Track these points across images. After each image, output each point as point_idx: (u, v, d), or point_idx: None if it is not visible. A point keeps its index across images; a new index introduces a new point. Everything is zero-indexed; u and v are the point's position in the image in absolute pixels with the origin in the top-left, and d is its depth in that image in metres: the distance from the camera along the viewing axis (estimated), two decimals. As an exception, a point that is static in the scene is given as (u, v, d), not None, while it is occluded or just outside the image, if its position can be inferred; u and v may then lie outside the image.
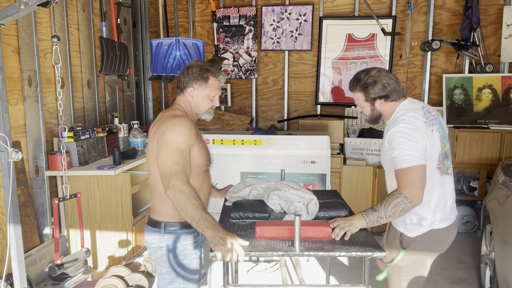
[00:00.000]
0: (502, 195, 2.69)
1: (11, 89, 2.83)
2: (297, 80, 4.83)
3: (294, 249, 1.51)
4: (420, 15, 4.45)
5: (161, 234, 1.77)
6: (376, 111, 1.89)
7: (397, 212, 1.69)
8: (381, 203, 1.71)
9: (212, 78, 1.84)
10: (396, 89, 1.85)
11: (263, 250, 1.51)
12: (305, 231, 1.58)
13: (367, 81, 1.84)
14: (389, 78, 1.85)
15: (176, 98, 1.89)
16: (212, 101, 1.87)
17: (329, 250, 1.52)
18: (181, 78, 1.85)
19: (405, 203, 1.67)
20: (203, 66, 1.84)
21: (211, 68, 1.85)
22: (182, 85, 1.85)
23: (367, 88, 1.84)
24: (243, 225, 1.77)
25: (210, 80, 1.83)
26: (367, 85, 1.84)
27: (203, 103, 1.85)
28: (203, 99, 1.84)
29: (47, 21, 3.17)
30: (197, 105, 1.85)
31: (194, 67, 1.84)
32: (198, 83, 1.82)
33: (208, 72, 1.83)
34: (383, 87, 1.83)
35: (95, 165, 3.18)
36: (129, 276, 2.66)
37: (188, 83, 1.82)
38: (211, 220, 1.55)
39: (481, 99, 4.22)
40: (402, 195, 1.68)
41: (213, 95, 1.85)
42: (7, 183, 1.81)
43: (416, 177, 1.69)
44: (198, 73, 1.81)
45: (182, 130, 1.70)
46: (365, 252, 1.49)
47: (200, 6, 4.92)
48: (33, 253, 2.91)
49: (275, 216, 1.87)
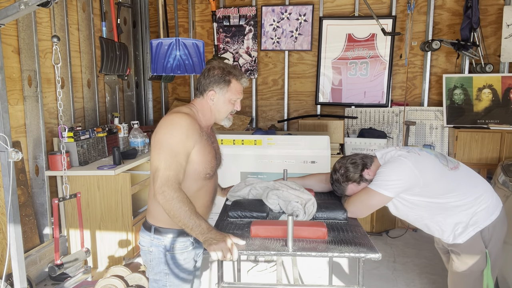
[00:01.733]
0: (502, 195, 2.69)
1: (11, 89, 2.83)
2: (297, 80, 4.83)
3: (287, 248, 1.51)
4: (420, 15, 4.46)
5: (151, 238, 1.73)
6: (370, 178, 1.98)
7: None
8: None
9: (234, 82, 1.73)
10: (360, 156, 2.03)
11: (256, 249, 1.51)
12: (301, 231, 1.58)
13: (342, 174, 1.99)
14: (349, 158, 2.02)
15: (194, 99, 1.78)
16: (234, 105, 1.76)
17: (322, 250, 1.51)
18: (202, 80, 1.73)
19: None
20: (226, 68, 1.73)
21: (234, 71, 1.74)
22: (202, 88, 1.73)
23: (349, 177, 1.98)
24: (241, 224, 1.77)
25: (233, 84, 1.72)
26: (347, 176, 1.98)
27: (224, 107, 1.74)
28: (224, 103, 1.73)
29: (47, 21, 3.17)
30: (217, 110, 1.74)
31: (216, 69, 1.72)
32: (220, 86, 1.71)
33: (231, 75, 1.72)
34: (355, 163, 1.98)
35: (95, 165, 3.18)
36: (129, 276, 2.66)
37: (208, 86, 1.72)
38: (205, 225, 1.52)
39: (481, 99, 4.22)
40: None
41: (235, 99, 1.75)
42: (7, 183, 1.81)
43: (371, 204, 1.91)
44: (220, 75, 1.70)
45: (180, 130, 1.60)
46: (358, 253, 1.48)
47: (200, 6, 4.92)
48: (33, 253, 2.91)
49: (273, 216, 1.87)
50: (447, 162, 1.98)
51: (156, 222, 1.72)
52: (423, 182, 1.86)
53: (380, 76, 4.56)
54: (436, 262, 3.42)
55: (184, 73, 3.60)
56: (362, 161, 1.98)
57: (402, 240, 3.91)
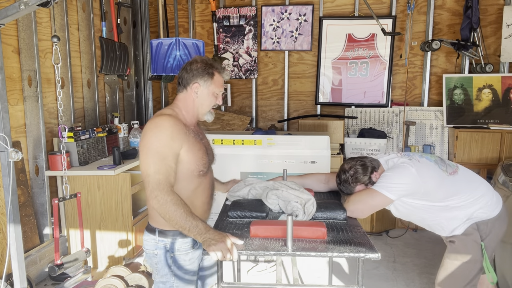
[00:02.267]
0: (502, 195, 2.68)
1: (11, 89, 2.83)
2: (297, 80, 4.83)
3: (287, 248, 1.51)
4: (420, 15, 4.45)
5: (156, 241, 1.72)
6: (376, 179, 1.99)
7: None
8: None
9: (217, 74, 1.74)
10: (369, 159, 2.03)
11: (256, 249, 1.50)
12: (300, 231, 1.58)
13: (352, 175, 1.98)
14: (358, 159, 2.02)
15: (176, 96, 1.78)
16: (216, 99, 1.77)
17: (322, 250, 1.51)
18: (184, 74, 1.73)
19: None
20: (208, 61, 1.74)
21: (215, 64, 1.76)
22: (185, 81, 1.73)
23: (358, 178, 1.97)
24: (240, 224, 1.77)
25: (216, 76, 1.73)
26: (356, 177, 1.97)
27: (207, 100, 1.74)
28: (208, 96, 1.73)
29: (47, 21, 3.17)
30: (201, 103, 1.74)
31: (198, 62, 1.72)
32: (204, 79, 1.71)
33: (213, 68, 1.73)
34: (364, 165, 1.98)
35: (95, 165, 3.18)
36: (129, 276, 2.66)
37: (192, 79, 1.71)
38: (202, 225, 1.52)
39: (481, 99, 4.22)
40: None
41: (218, 92, 1.76)
42: (7, 183, 1.81)
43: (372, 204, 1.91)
44: (203, 68, 1.71)
45: (165, 132, 1.58)
46: (357, 253, 1.48)
47: (200, 6, 4.92)
48: (33, 253, 2.91)
49: (273, 216, 1.87)
50: (446, 167, 2.02)
51: (159, 225, 1.72)
52: (424, 190, 1.91)
53: (380, 76, 4.56)
54: (436, 262, 3.42)
55: (184, 73, 3.60)
56: (371, 164, 2.00)
57: (402, 240, 3.91)
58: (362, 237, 1.63)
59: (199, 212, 1.69)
